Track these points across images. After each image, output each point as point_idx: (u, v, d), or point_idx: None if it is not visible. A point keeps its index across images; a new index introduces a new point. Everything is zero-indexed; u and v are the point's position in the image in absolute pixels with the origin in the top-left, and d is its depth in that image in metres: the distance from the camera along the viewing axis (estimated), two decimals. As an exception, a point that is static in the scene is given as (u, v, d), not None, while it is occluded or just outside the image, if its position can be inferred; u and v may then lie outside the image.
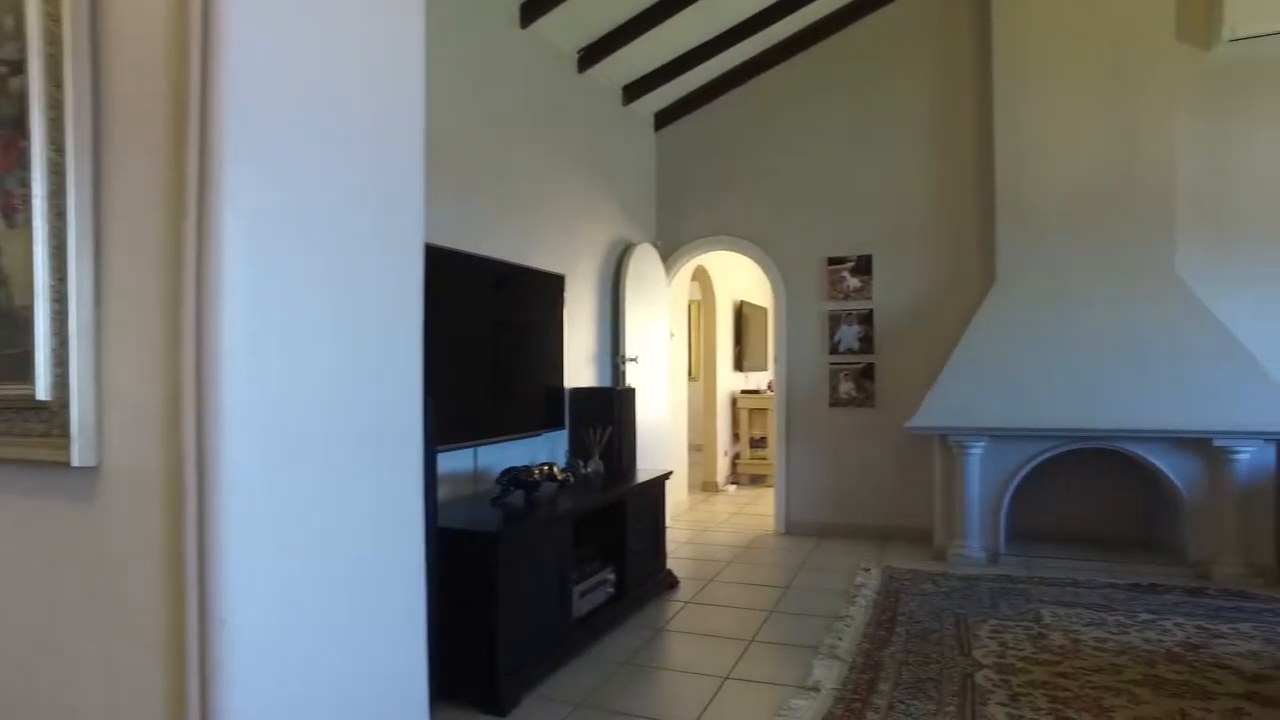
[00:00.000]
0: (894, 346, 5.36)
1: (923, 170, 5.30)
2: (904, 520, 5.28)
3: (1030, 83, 4.82)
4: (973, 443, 4.66)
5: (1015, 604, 3.79)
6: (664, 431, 5.76)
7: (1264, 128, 4.68)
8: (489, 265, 3.75)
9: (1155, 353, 4.45)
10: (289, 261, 1.07)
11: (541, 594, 3.09)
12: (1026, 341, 4.70)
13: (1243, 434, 4.20)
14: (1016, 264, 4.85)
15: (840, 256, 5.47)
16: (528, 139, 4.37)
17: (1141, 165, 4.64)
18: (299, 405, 1.08)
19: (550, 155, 4.59)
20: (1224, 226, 4.74)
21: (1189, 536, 4.37)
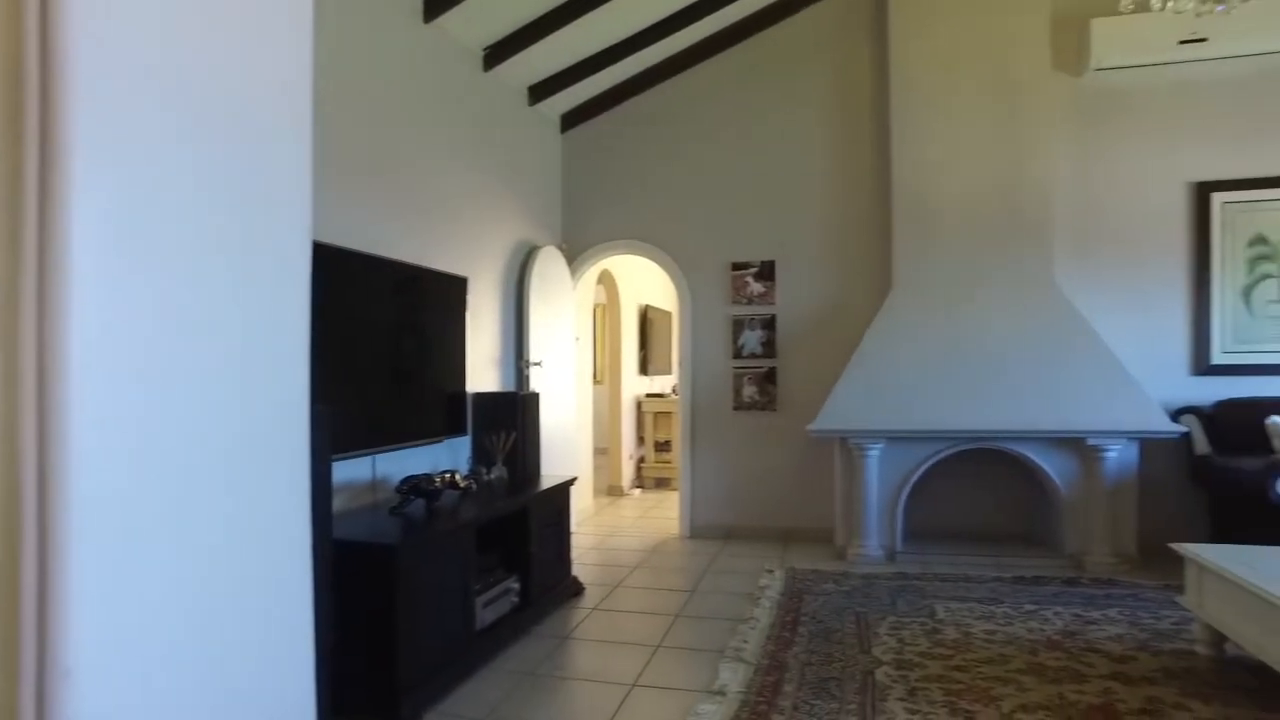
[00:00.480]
0: (796, 351, 5.48)
1: (824, 179, 5.44)
2: (806, 521, 5.40)
3: (924, 102, 5.02)
4: (871, 445, 4.80)
5: (912, 601, 3.91)
6: (569, 436, 5.71)
7: (1125, 149, 5.02)
8: (389, 266, 3.61)
9: (1036, 358, 4.70)
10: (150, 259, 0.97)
11: (443, 606, 2.99)
12: (921, 347, 4.88)
13: (1111, 433, 4.48)
14: (911, 272, 5.03)
15: (744, 262, 5.55)
16: (431, 138, 4.24)
17: (1023, 182, 4.89)
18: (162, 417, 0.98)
19: (454, 155, 4.47)
20: (1094, 239, 5.05)
21: (1065, 530, 4.63)
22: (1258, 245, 4.88)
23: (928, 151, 5.01)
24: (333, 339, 3.13)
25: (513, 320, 5.15)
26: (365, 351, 3.40)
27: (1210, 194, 4.90)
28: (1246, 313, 4.88)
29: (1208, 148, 4.94)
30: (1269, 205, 4.85)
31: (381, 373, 3.53)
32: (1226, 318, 4.90)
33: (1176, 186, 4.97)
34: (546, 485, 4.12)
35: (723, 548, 5.26)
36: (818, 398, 5.13)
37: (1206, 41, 4.71)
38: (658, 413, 8.19)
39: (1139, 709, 2.68)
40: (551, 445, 5.22)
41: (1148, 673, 2.98)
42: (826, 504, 5.25)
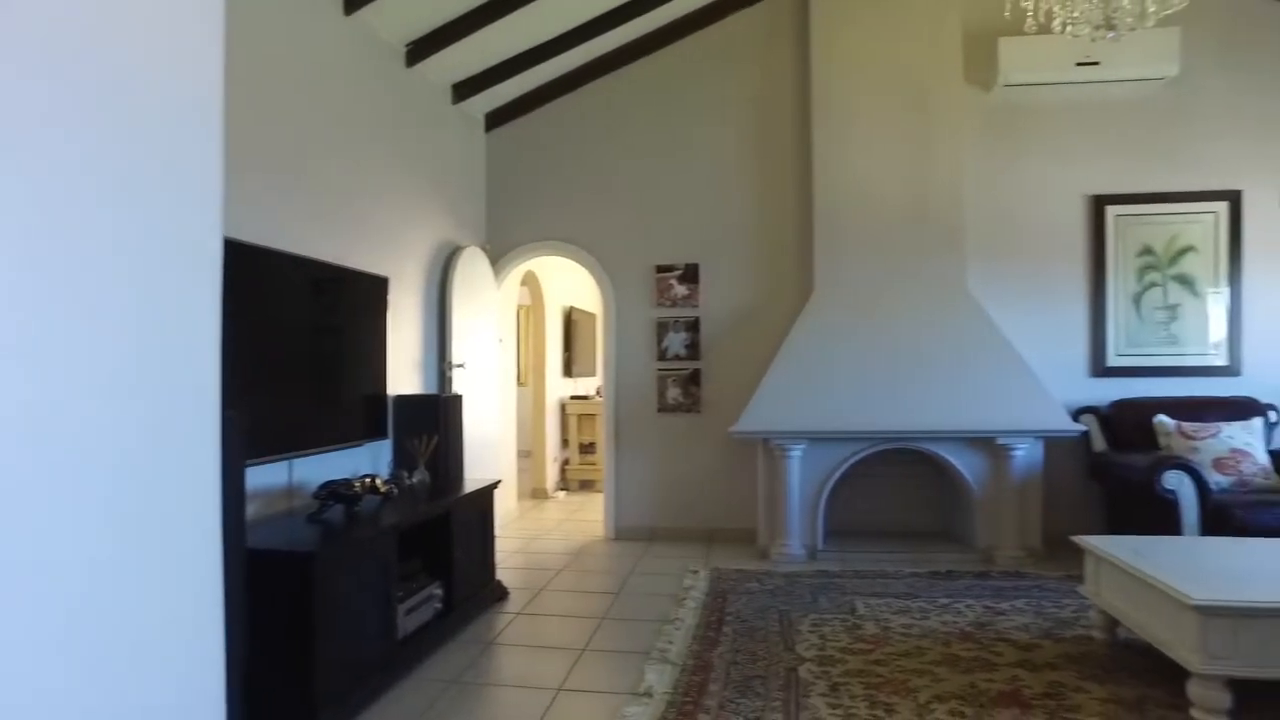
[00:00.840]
0: (720, 353, 5.55)
1: (748, 183, 5.53)
2: (730, 522, 5.47)
3: (843, 111, 5.16)
4: (793, 446, 4.90)
5: (833, 598, 4.01)
6: (493, 439, 5.63)
7: (1030, 161, 5.28)
8: (307, 266, 3.49)
9: (950, 360, 4.89)
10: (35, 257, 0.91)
11: (363, 615, 2.91)
12: (841, 349, 5.01)
13: (1019, 433, 4.70)
14: (831, 276, 5.16)
15: (668, 264, 5.60)
16: (352, 134, 4.12)
17: (937, 190, 5.09)
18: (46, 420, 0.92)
19: (376, 153, 4.36)
20: (1003, 246, 5.30)
21: (977, 526, 4.83)
22: (1145, 255, 5.20)
23: (846, 159, 5.16)
24: (248, 340, 3.01)
25: (435, 322, 5.06)
26: (282, 353, 3.28)
27: (1105, 206, 5.20)
28: (1137, 318, 5.20)
29: (1101, 163, 5.24)
30: (1152, 219, 5.18)
31: (299, 375, 3.41)
32: (1120, 323, 5.20)
33: (1075, 198, 5.26)
34: (470, 489, 4.06)
35: (647, 549, 5.28)
36: (741, 399, 5.21)
37: (1099, 65, 5.00)
38: (582, 415, 8.17)
39: (1043, 693, 2.82)
40: (475, 448, 5.15)
41: (1051, 659, 3.14)
42: (750, 504, 5.33)
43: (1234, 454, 4.42)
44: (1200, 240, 5.17)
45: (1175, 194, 5.18)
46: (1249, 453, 4.44)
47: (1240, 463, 4.39)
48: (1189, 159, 5.20)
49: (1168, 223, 5.18)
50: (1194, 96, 5.19)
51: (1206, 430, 4.52)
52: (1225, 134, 5.18)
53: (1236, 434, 4.50)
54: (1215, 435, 4.49)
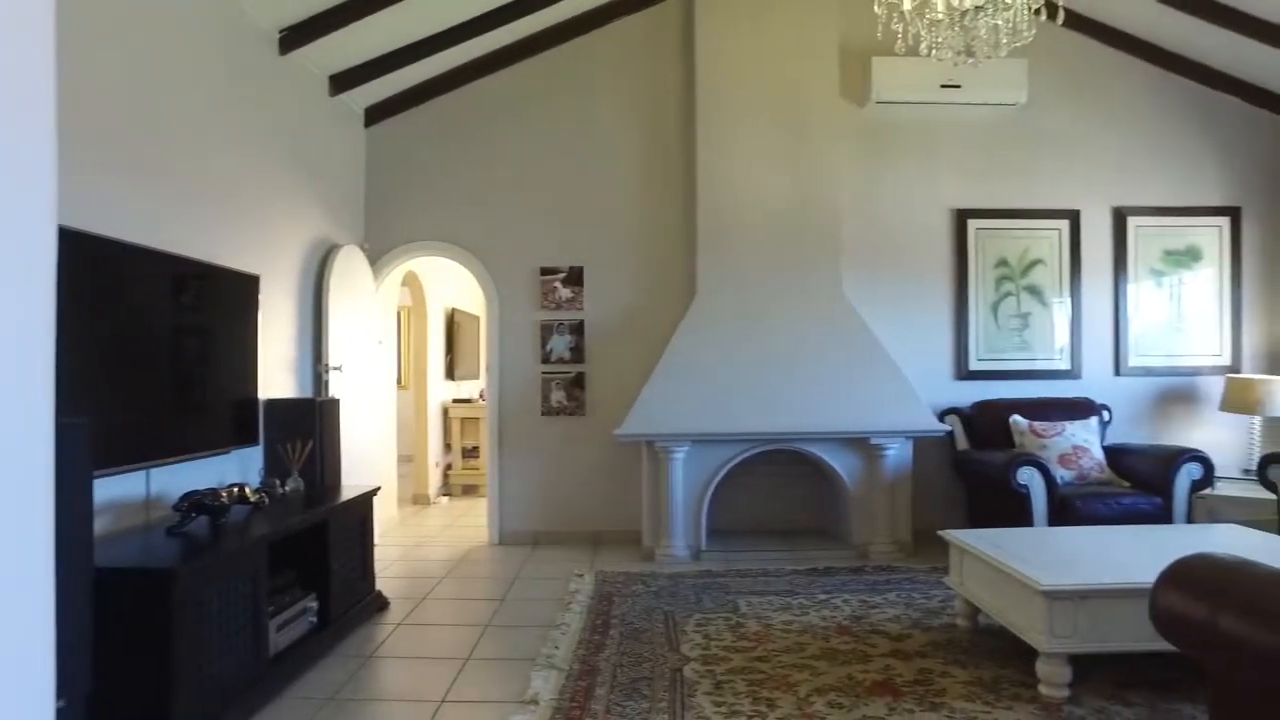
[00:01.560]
0: (604, 356, 5.56)
1: (633, 187, 5.58)
2: (615, 524, 5.49)
3: (726, 120, 5.29)
4: (677, 448, 4.97)
5: (716, 597, 4.09)
6: (372, 444, 5.43)
7: (901, 174, 5.58)
8: (170, 262, 3.25)
9: (827, 364, 5.09)
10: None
11: (230, 633, 2.73)
12: (723, 353, 5.12)
13: (890, 433, 4.95)
14: (714, 281, 5.28)
15: (553, 267, 5.57)
16: (222, 124, 3.87)
17: (815, 200, 5.29)
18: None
19: (246, 143, 4.11)
20: (877, 255, 5.57)
21: (852, 523, 5.05)
22: (1001, 266, 5.59)
23: (729, 167, 5.29)
24: (100, 341, 2.77)
25: (311, 322, 4.83)
26: (140, 354, 3.04)
27: (967, 219, 5.56)
28: (995, 325, 5.58)
29: (963, 179, 5.60)
30: (1005, 232, 5.58)
31: (158, 378, 3.17)
32: (980, 329, 5.57)
33: (941, 211, 5.59)
34: (347, 496, 3.90)
35: (532, 554, 5.23)
36: (625, 402, 5.24)
37: (960, 88, 5.34)
38: (465, 418, 8.01)
39: (913, 680, 2.98)
40: (354, 454, 4.95)
41: (920, 648, 3.31)
42: (634, 506, 5.37)
43: (1076, 450, 4.81)
44: (1047, 254, 5.60)
45: (1026, 210, 5.59)
46: (1088, 449, 4.84)
47: (1080, 458, 4.79)
48: (1037, 179, 5.63)
49: (1020, 237, 5.59)
50: (1040, 123, 5.63)
51: (1053, 429, 4.90)
52: (1066, 158, 5.64)
53: (1077, 432, 4.91)
54: (1060, 433, 4.88)
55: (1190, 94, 5.70)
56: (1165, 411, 5.66)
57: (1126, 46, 5.65)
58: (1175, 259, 5.68)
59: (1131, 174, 5.68)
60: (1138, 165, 5.69)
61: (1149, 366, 5.65)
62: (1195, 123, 5.70)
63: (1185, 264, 5.68)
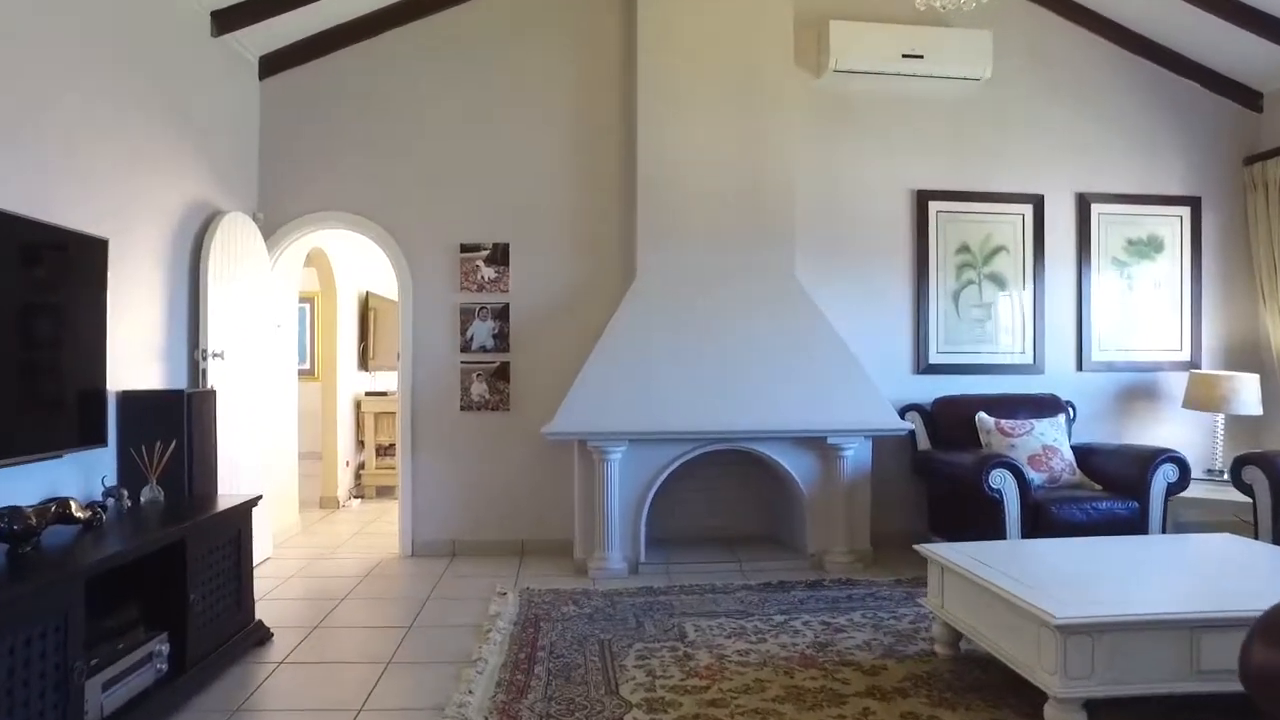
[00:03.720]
0: (531, 344, 4.97)
1: (566, 158, 4.99)
2: (543, 533, 4.92)
3: (670, 89, 4.74)
4: (613, 448, 4.42)
5: (660, 620, 3.56)
6: (265, 442, 4.72)
7: (859, 151, 5.15)
8: (-35, 211, 2.53)
9: (780, 356, 4.61)
10: None
11: (19, 704, 2.06)
12: (665, 343, 4.59)
13: (850, 432, 4.50)
14: (655, 263, 4.74)
15: (475, 244, 4.94)
16: (68, 57, 3.12)
17: (766, 177, 4.80)
18: None
19: (97, 80, 3.36)
20: (832, 238, 5.12)
21: (808, 530, 4.58)
22: (963, 253, 5.22)
23: (673, 138, 4.75)
24: None
25: (186, 301, 4.10)
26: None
27: (928, 202, 5.16)
28: (956, 315, 5.20)
29: (925, 158, 5.20)
30: (969, 216, 5.21)
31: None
32: (941, 319, 5.19)
33: (901, 192, 5.18)
34: (221, 508, 3.22)
35: (449, 567, 4.61)
36: (555, 396, 4.68)
37: (923, 59, 4.94)
38: (380, 413, 7.30)
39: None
40: (237, 455, 4.25)
41: (898, 683, 2.85)
42: (565, 513, 4.81)
43: (1046, 450, 4.46)
44: (1010, 240, 5.25)
45: (989, 194, 5.23)
46: (1058, 449, 4.49)
47: (1051, 459, 4.43)
48: (1001, 160, 5.27)
49: (983, 221, 5.23)
50: (1004, 102, 5.27)
51: (1022, 428, 4.54)
52: (1030, 140, 5.30)
53: (1047, 431, 4.55)
54: (1029, 432, 4.51)
55: (1153, 77, 5.43)
56: (1127, 409, 5.39)
57: (1090, 24, 5.33)
58: (1138, 249, 5.40)
59: (1095, 158, 5.38)
60: (1101, 149, 5.39)
61: (1111, 361, 5.36)
62: (1156, 108, 5.44)
63: (1148, 254, 5.42)
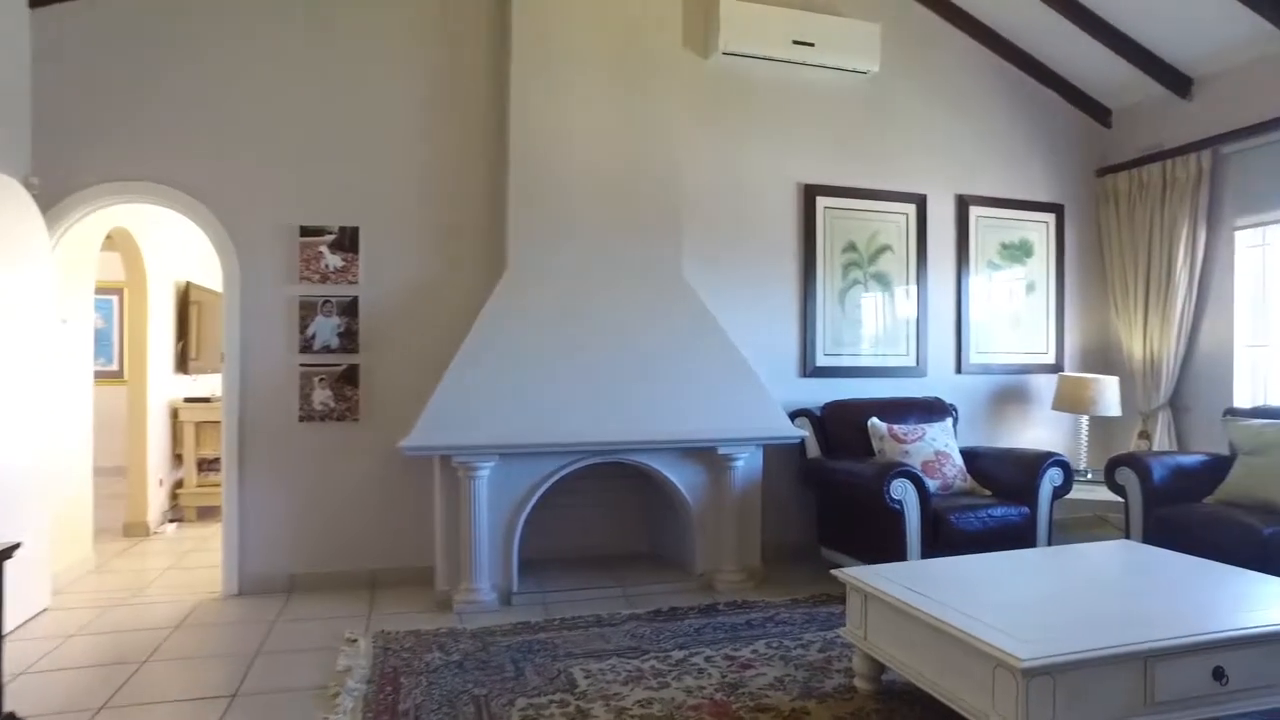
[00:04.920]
0: (385, 344, 4.32)
1: (429, 132, 4.38)
2: (398, 560, 4.29)
3: (549, 64, 4.23)
4: (481, 463, 3.87)
5: (543, 666, 3.06)
6: (42, 464, 3.82)
7: (747, 140, 4.85)
8: None
9: (666, 359, 4.22)
10: None
11: None
12: (539, 343, 4.09)
13: (742, 441, 4.18)
14: (530, 257, 4.22)
15: (318, 227, 4.23)
16: None
17: (652, 164, 4.39)
18: None
19: None
20: (718, 232, 4.79)
21: (696, 548, 4.22)
22: (850, 251, 5.04)
23: (549, 116, 4.24)
24: None
25: (-74, 286, 3.19)
26: None
27: (816, 197, 4.94)
28: (842, 316, 5.02)
29: (813, 151, 4.98)
30: (855, 214, 5.04)
31: None
32: (828, 320, 4.98)
33: (789, 186, 4.93)
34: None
35: (285, 608, 3.90)
36: (413, 405, 4.09)
37: (814, 47, 4.72)
38: (202, 422, 6.32)
39: (835, 795, 2.15)
40: (3, 480, 3.36)
41: (823, 732, 2.51)
42: (424, 537, 4.23)
43: (939, 456, 4.32)
44: (895, 240, 5.13)
45: (875, 191, 5.08)
46: (949, 455, 4.37)
47: (943, 465, 4.30)
48: (886, 157, 5.14)
49: (869, 219, 5.07)
50: (890, 98, 5.15)
51: (914, 433, 4.38)
52: (913, 138, 5.21)
53: (938, 436, 4.43)
54: (921, 438, 4.36)
55: (1022, 86, 5.49)
56: (1000, 411, 5.41)
57: (969, 29, 5.31)
58: (1010, 253, 5.44)
59: (972, 161, 5.37)
60: (977, 153, 5.38)
61: (987, 364, 5.36)
62: (1025, 115, 5.50)
63: (1019, 259, 5.47)
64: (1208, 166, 4.94)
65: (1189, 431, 5.12)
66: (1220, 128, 4.89)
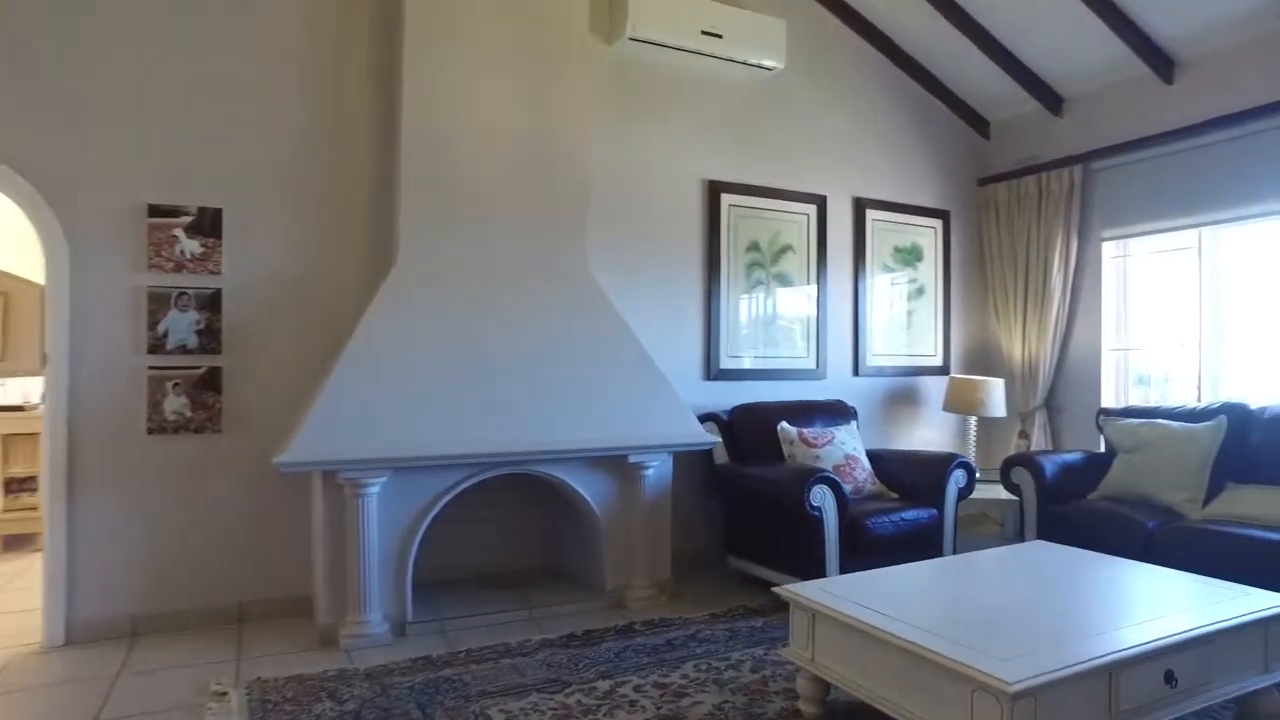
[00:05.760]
0: (254, 345, 3.78)
1: (308, 101, 3.86)
2: (271, 590, 3.75)
3: (448, 38, 3.82)
4: (371, 479, 3.43)
5: (455, 709, 2.69)
6: None
7: (653, 132, 4.64)
8: None
9: (573, 361, 3.93)
10: None
11: None
12: (434, 344, 3.69)
13: (654, 448, 3.95)
14: (424, 248, 3.81)
15: (172, 206, 3.63)
16: None
17: (558, 152, 4.08)
18: None
19: None
20: (623, 228, 4.55)
21: (605, 563, 3.95)
22: (753, 251, 4.93)
23: (449, 98, 3.84)
24: None
25: None
26: None
27: (721, 194, 4.80)
28: (745, 317, 4.90)
29: (719, 147, 4.83)
30: (759, 213, 4.94)
31: None
32: (731, 321, 4.85)
33: (694, 182, 4.76)
34: None
35: (130, 657, 3.29)
36: (289, 414, 3.60)
37: (722, 39, 4.58)
38: (11, 435, 5.41)
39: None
40: None
41: (779, 766, 2.32)
42: (301, 561, 3.73)
43: (848, 460, 4.27)
44: (797, 240, 5.08)
45: (779, 190, 5.00)
46: (858, 458, 4.33)
47: (854, 469, 4.25)
48: (790, 157, 5.08)
49: (772, 219, 4.98)
50: (794, 97, 5.09)
51: (824, 437, 4.31)
52: (815, 138, 5.18)
53: (846, 440, 4.38)
54: (831, 442, 4.30)
55: (913, 93, 5.59)
56: (893, 413, 5.48)
57: (863, 32, 5.34)
58: (903, 256, 5.53)
59: (868, 164, 5.40)
60: (872, 156, 5.42)
61: (881, 366, 5.41)
62: (915, 122, 5.60)
63: (911, 262, 5.56)
64: (1079, 180, 5.20)
65: (1062, 430, 5.37)
66: (1089, 145, 5.16)
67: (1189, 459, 4.09)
